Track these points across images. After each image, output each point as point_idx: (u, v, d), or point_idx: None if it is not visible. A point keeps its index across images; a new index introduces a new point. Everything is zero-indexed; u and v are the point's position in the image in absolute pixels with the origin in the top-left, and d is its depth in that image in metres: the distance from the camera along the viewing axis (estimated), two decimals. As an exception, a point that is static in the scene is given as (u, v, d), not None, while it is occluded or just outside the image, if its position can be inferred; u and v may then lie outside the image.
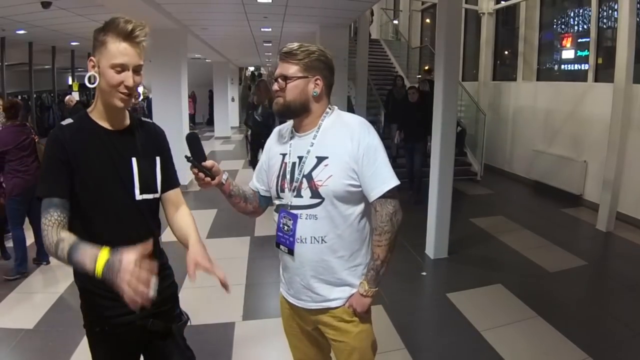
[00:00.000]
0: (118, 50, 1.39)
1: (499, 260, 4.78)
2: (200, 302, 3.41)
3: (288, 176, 1.63)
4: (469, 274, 4.38)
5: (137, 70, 1.44)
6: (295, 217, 1.60)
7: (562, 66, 7.92)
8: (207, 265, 1.42)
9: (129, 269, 1.18)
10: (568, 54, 7.69)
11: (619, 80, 5.38)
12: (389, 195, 1.58)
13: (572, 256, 4.77)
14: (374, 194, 1.57)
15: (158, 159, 1.62)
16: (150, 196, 1.58)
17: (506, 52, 9.85)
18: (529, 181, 8.19)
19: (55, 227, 1.36)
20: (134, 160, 1.53)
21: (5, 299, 3.76)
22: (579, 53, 7.37)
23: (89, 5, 6.41)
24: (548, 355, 3.02)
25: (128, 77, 1.42)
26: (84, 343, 2.87)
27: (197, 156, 1.52)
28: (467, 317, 3.50)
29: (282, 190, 1.64)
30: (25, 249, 4.23)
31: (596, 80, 6.77)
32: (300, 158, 1.61)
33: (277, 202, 1.69)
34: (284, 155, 1.67)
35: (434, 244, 4.73)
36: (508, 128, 8.97)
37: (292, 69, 1.57)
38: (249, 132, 7.19)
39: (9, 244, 4.55)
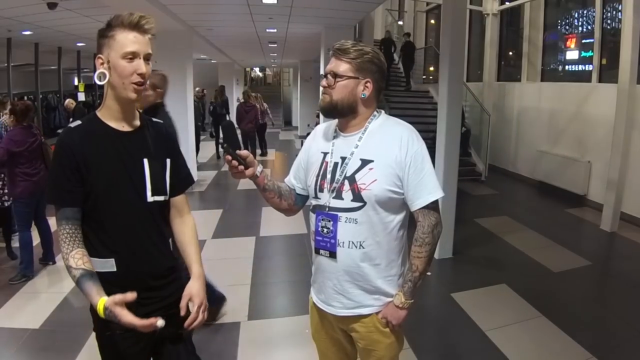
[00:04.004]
0: (128, 39, 1.40)
1: (503, 260, 4.78)
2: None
3: (328, 176, 1.57)
4: (474, 274, 4.39)
5: (147, 59, 1.44)
6: (335, 218, 1.54)
7: (567, 67, 7.91)
8: (197, 303, 1.52)
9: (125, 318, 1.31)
10: (572, 54, 7.67)
11: (623, 81, 5.37)
12: (432, 206, 1.54)
13: (576, 256, 4.77)
14: (418, 203, 1.53)
15: (168, 161, 1.59)
16: (160, 198, 1.55)
17: (510, 53, 9.83)
18: (534, 181, 8.18)
19: (69, 243, 1.41)
20: (145, 161, 1.51)
21: (11, 299, 3.78)
22: (583, 54, 7.36)
23: (94, 6, 6.44)
24: (552, 355, 3.03)
25: (140, 65, 1.42)
26: (90, 343, 2.93)
27: (231, 144, 1.50)
28: (471, 317, 3.51)
29: (321, 190, 1.59)
30: (32, 252, 4.21)
31: (600, 80, 6.76)
32: (343, 159, 1.56)
33: (314, 201, 1.63)
34: (325, 154, 1.61)
35: (438, 244, 4.69)
36: (512, 128, 8.96)
37: (343, 67, 1.51)
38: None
39: (15, 243, 4.55)
